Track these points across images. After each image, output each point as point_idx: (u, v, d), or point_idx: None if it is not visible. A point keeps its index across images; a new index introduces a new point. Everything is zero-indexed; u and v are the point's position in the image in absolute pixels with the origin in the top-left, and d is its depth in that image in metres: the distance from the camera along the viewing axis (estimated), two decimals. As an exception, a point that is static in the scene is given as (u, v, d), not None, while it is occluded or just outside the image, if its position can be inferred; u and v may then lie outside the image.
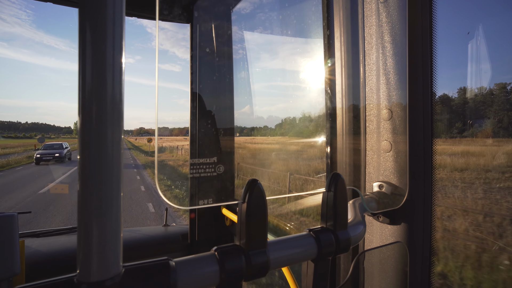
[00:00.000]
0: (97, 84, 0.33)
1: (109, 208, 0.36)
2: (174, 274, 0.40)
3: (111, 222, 0.36)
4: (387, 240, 0.86)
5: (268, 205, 0.49)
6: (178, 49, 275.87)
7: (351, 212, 0.72)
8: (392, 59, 0.81)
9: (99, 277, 0.35)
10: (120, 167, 0.37)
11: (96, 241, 0.35)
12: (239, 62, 1.90)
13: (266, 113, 9.38)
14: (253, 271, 0.46)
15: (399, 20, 0.78)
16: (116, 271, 0.37)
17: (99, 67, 0.33)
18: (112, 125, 0.35)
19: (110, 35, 0.34)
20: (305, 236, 0.55)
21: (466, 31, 11.44)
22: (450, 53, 11.00)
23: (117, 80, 0.35)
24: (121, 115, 0.36)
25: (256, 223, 0.47)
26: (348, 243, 0.58)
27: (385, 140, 0.87)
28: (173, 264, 0.42)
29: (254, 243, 0.47)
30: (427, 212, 0.80)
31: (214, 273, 0.44)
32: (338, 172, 0.58)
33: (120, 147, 0.36)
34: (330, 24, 1.05)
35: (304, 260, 0.55)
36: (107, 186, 0.35)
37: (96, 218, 0.35)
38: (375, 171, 0.91)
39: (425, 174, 0.79)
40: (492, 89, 7.04)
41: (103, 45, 0.33)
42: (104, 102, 0.34)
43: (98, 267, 0.35)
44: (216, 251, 0.46)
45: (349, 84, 1.00)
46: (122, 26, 0.35)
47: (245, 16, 1.96)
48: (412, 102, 0.76)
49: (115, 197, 0.36)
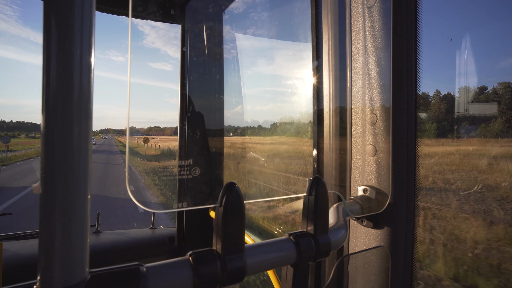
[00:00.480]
0: (62, 81, 0.32)
1: (74, 211, 0.34)
2: (144, 280, 0.39)
3: (76, 226, 0.34)
4: (371, 244, 0.86)
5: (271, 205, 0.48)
6: (170, 48, 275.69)
7: (334, 216, 0.72)
8: (378, 64, 0.82)
9: (62, 284, 0.34)
10: (88, 168, 0.35)
11: (59, 246, 0.33)
12: (229, 63, 1.90)
13: (256, 114, 9.40)
14: (229, 276, 0.45)
15: (385, 26, 0.79)
16: (81, 277, 0.35)
17: (65, 63, 0.32)
18: (79, 123, 0.33)
19: (77, 29, 0.32)
20: (285, 241, 0.54)
21: (451, 37, 11.82)
22: (435, 58, 11.40)
23: (85, 76, 0.33)
24: (89, 113, 0.34)
25: (233, 227, 0.46)
26: (329, 248, 0.57)
27: (370, 144, 0.87)
28: (143, 269, 0.40)
29: (230, 247, 0.46)
30: (409, 216, 0.80)
31: (187, 279, 0.42)
32: (319, 176, 0.57)
33: (87, 146, 0.35)
34: (319, 28, 1.06)
35: (283, 265, 0.54)
36: (72, 188, 0.34)
37: (60, 222, 0.33)
38: (360, 175, 0.91)
39: (408, 179, 0.80)
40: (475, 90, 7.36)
41: (70, 40, 0.32)
42: (70, 100, 0.32)
43: (61, 273, 0.34)
44: (190, 256, 0.44)
45: (336, 88, 1.00)
46: (91, 21, 0.34)
47: (236, 18, 1.96)
48: (396, 107, 0.77)
49: (81, 199, 0.35)
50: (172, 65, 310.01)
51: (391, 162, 0.77)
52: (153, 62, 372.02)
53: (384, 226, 0.82)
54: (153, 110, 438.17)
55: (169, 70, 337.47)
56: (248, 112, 2.00)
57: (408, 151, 0.79)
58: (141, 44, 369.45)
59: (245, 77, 1.91)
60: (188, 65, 1.75)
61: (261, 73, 4.30)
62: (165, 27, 57.99)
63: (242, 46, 1.93)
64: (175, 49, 2.04)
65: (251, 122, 7.45)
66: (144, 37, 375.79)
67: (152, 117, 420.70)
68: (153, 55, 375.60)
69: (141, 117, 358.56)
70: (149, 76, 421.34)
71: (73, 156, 0.33)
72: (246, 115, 1.95)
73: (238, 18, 2.06)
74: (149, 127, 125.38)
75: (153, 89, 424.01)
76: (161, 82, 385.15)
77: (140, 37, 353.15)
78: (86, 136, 0.34)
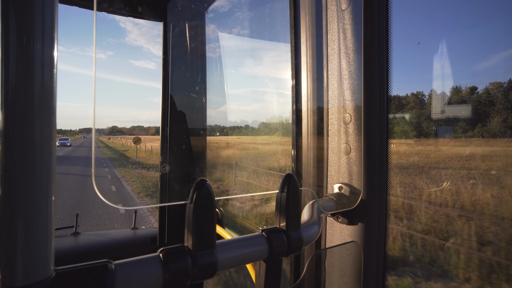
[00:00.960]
0: (22, 77, 0.32)
1: (37, 209, 0.34)
2: (112, 277, 0.39)
3: (40, 224, 0.34)
4: (346, 240, 0.88)
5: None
6: (153, 46, 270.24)
7: (308, 213, 0.74)
8: (351, 65, 0.85)
9: (25, 281, 0.33)
10: (51, 165, 0.35)
11: (20, 245, 0.33)
12: (212, 62, 1.89)
13: (239, 113, 9.44)
14: (200, 272, 0.46)
15: (357, 29, 0.81)
16: (46, 275, 0.35)
17: (25, 59, 0.32)
18: (41, 121, 0.33)
19: (38, 23, 0.32)
20: (257, 237, 0.55)
21: (421, 41, 12.50)
22: (405, 59, 12.05)
23: (47, 72, 0.33)
24: (51, 110, 0.34)
25: (204, 224, 0.46)
26: (300, 243, 0.59)
27: (345, 143, 0.90)
28: (112, 266, 0.40)
29: (201, 243, 0.47)
30: (381, 212, 0.83)
31: (157, 275, 0.43)
32: (291, 174, 0.59)
33: (51, 144, 0.35)
34: (297, 29, 1.08)
35: (255, 260, 0.55)
36: (34, 187, 0.33)
37: (22, 220, 0.33)
38: (336, 173, 0.94)
39: (380, 176, 0.83)
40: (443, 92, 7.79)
41: (30, 34, 0.32)
42: (31, 97, 0.32)
43: (23, 271, 0.33)
44: (161, 253, 0.45)
45: (313, 88, 1.03)
46: (53, 14, 0.33)
47: (219, 17, 1.96)
48: (368, 107, 0.80)
49: (44, 197, 0.34)
50: (156, 63, 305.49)
51: (363, 160, 0.80)
52: (136, 60, 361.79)
53: (357, 222, 0.85)
54: (136, 109, 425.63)
55: (153, 68, 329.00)
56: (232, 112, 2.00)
57: (380, 149, 0.83)
58: (123, 41, 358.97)
59: (227, 76, 1.92)
60: (170, 63, 1.74)
61: (244, 73, 4.32)
62: (148, 25, 53.49)
63: (225, 45, 1.93)
64: (158, 47, 1.99)
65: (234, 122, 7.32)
66: (127, 34, 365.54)
67: (135, 116, 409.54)
68: (136, 53, 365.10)
69: (123, 116, 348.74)
70: (131, 74, 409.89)
71: (35, 155, 0.33)
72: (229, 114, 1.95)
73: (221, 17, 2.06)
74: (132, 126, 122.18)
75: (135, 88, 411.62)
76: (144, 81, 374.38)
77: (122, 34, 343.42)
78: (49, 134, 0.34)
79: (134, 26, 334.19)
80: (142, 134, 72.64)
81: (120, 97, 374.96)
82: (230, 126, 8.60)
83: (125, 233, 2.03)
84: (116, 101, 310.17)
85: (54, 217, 0.36)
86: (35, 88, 0.33)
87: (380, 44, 0.80)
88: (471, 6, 10.37)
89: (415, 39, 14.11)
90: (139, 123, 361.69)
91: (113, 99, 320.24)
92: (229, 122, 2.16)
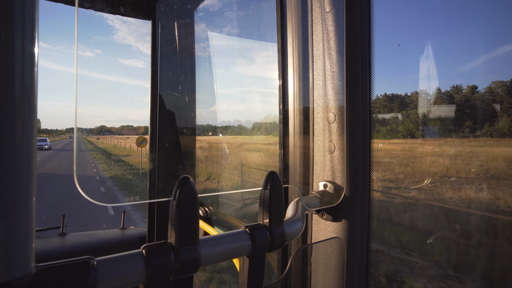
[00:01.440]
0: (1, 74, 0.32)
1: (17, 207, 0.34)
2: (94, 273, 0.40)
3: (20, 222, 0.35)
4: (330, 236, 0.91)
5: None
6: (142, 44, 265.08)
7: (292, 210, 0.75)
8: (335, 66, 0.87)
9: (4, 278, 0.34)
10: (32, 163, 0.35)
11: (0, 241, 0.33)
12: (201, 61, 1.90)
13: (228, 112, 9.46)
14: (183, 267, 0.47)
15: (340, 30, 0.84)
16: (26, 271, 0.35)
17: (4, 56, 0.32)
18: (21, 120, 0.34)
19: (18, 17, 0.32)
20: (240, 233, 0.57)
21: (403, 43, 12.93)
22: (388, 60, 12.52)
23: (27, 69, 0.34)
24: (32, 108, 0.35)
25: (187, 220, 0.47)
26: (283, 239, 0.61)
27: (329, 141, 0.92)
28: (94, 263, 0.41)
29: (184, 240, 0.48)
30: (364, 209, 0.86)
31: (140, 271, 0.43)
32: (274, 171, 0.60)
33: (31, 142, 0.35)
34: (284, 30, 1.09)
35: (239, 256, 0.56)
36: (15, 184, 0.34)
37: (1, 218, 0.33)
38: (321, 171, 0.96)
39: (363, 173, 0.85)
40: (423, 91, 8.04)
41: (8, 29, 0.32)
42: (10, 94, 0.33)
43: (3, 267, 0.34)
44: (144, 249, 0.45)
45: (300, 88, 1.04)
46: (33, 7, 0.34)
47: (208, 16, 1.96)
48: (350, 106, 0.82)
49: (24, 195, 0.35)
50: (145, 62, 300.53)
51: (345, 158, 0.82)
52: (125, 58, 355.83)
53: (341, 219, 0.87)
54: (125, 108, 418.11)
55: (142, 67, 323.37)
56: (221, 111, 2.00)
57: (363, 148, 0.85)
58: (111, 39, 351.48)
59: (217, 75, 1.92)
60: (159, 62, 1.73)
61: (233, 72, 4.33)
62: (137, 23, 50.93)
63: (214, 44, 1.94)
64: (148, 46, 1.98)
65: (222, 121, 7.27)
66: (115, 32, 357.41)
67: (124, 116, 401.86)
68: (125, 51, 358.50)
69: (111, 115, 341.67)
70: (120, 73, 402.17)
71: (15, 154, 0.33)
72: (218, 114, 1.96)
73: (211, 16, 2.06)
74: (122, 125, 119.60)
75: (124, 87, 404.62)
76: (133, 80, 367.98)
77: (110, 32, 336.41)
78: (30, 133, 0.35)
79: (123, 24, 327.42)
80: (132, 133, 71.49)
81: (108, 96, 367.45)
82: (220, 125, 8.62)
83: (113, 233, 2.01)
84: (104, 100, 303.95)
85: (35, 215, 0.37)
86: (14, 85, 0.33)
87: (363, 45, 0.83)
88: (451, 10, 10.81)
89: (397, 41, 14.58)
90: (128, 122, 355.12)
91: (100, 98, 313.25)
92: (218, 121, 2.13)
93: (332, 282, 0.89)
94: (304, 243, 1.01)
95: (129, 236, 1.97)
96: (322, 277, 0.93)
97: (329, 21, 0.86)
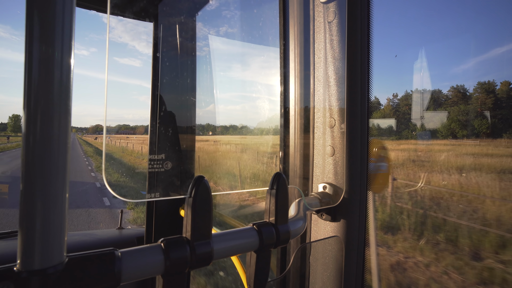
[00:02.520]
0: (44, 80, 0.35)
1: (54, 202, 0.37)
2: (119, 263, 0.43)
3: (55, 215, 0.38)
4: (329, 235, 0.95)
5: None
6: (139, 43, 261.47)
7: (295, 210, 0.79)
8: (336, 73, 0.92)
9: (40, 265, 0.37)
10: (67, 161, 0.39)
11: (38, 232, 0.37)
12: (202, 64, 1.93)
13: (228, 114, 9.52)
14: (198, 260, 0.50)
15: (342, 39, 0.88)
16: (59, 260, 0.39)
17: (47, 63, 0.35)
18: (59, 122, 0.37)
19: (59, 28, 0.36)
20: (249, 229, 0.60)
21: (399, 53, 13.32)
22: (385, 69, 12.97)
23: (65, 76, 0.37)
24: (68, 111, 0.38)
25: (202, 216, 0.51)
26: (288, 236, 0.65)
27: (329, 145, 0.97)
28: (118, 254, 0.44)
29: (199, 234, 0.51)
30: (361, 209, 0.91)
31: (159, 262, 0.47)
32: (280, 172, 0.64)
33: (66, 141, 0.38)
34: (286, 37, 1.14)
35: (247, 251, 0.60)
36: (52, 180, 0.37)
37: (40, 211, 0.36)
38: (320, 173, 1.01)
39: (361, 176, 0.90)
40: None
41: (51, 39, 0.35)
42: (51, 100, 0.36)
43: (40, 256, 0.37)
44: (162, 242, 0.49)
45: (301, 94, 1.09)
46: (71, 17, 0.37)
47: (210, 19, 2.00)
48: (351, 112, 0.87)
49: (60, 191, 0.38)
50: (142, 61, 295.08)
51: (345, 161, 0.87)
52: (120, 57, 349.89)
53: (340, 219, 0.92)
54: (121, 108, 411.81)
55: (138, 66, 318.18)
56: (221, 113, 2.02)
57: (361, 151, 0.90)
58: (105, 37, 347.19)
59: (217, 79, 1.96)
60: (160, 64, 1.75)
61: (234, 76, 4.38)
62: (133, 21, 50.04)
63: (216, 48, 1.97)
64: (144, 44, 1.96)
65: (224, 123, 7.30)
66: (111, 30, 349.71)
67: (120, 115, 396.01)
68: (121, 50, 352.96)
69: (107, 114, 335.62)
70: (116, 72, 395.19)
71: (53, 152, 0.37)
72: (218, 115, 1.99)
73: (212, 19, 2.10)
74: (118, 125, 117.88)
75: (120, 86, 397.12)
76: (129, 79, 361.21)
77: (105, 30, 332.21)
78: (65, 133, 0.38)
79: (118, 22, 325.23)
80: (130, 133, 70.37)
81: (103, 95, 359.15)
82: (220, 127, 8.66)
83: (111, 233, 2.02)
84: (98, 100, 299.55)
85: (67, 210, 0.40)
86: (54, 91, 0.36)
87: (362, 54, 0.88)
88: (445, 21, 11.21)
89: (395, 51, 15.11)
90: (124, 122, 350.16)
91: (95, 97, 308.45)
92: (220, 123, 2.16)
93: (330, 279, 0.93)
94: (304, 242, 1.05)
95: (127, 236, 1.98)
96: (321, 274, 0.97)
97: (331, 31, 0.91)
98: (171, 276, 0.48)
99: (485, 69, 11.47)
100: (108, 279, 0.41)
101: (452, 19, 11.61)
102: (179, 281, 0.49)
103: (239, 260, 0.94)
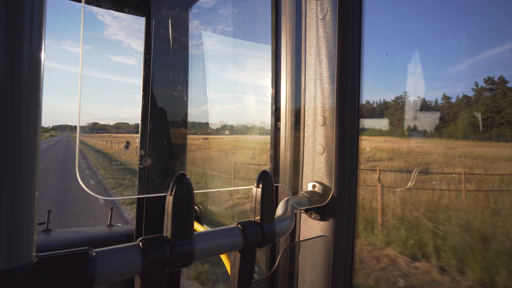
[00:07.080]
0: (9, 73, 0.33)
1: (21, 200, 0.35)
2: (93, 263, 0.41)
3: (22, 212, 0.36)
4: (317, 235, 0.94)
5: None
6: (134, 41, 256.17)
7: (282, 209, 0.78)
8: (326, 71, 0.90)
9: (6, 266, 0.35)
10: (36, 160, 0.37)
11: (3, 231, 0.35)
12: (195, 60, 1.90)
13: (220, 112, 9.52)
14: (178, 260, 0.49)
15: (333, 36, 0.87)
16: (27, 260, 0.37)
17: (13, 54, 0.33)
18: (27, 118, 0.35)
19: (27, 18, 0.34)
20: (233, 228, 0.59)
21: (392, 52, 13.60)
22: (376, 66, 13.30)
23: (33, 69, 0.35)
24: (37, 106, 0.36)
25: (182, 215, 0.49)
26: (273, 236, 0.63)
27: (319, 144, 0.96)
28: (93, 254, 0.42)
29: (180, 233, 0.50)
30: (350, 209, 0.90)
31: (136, 262, 0.45)
32: (267, 170, 0.63)
33: (35, 138, 0.36)
34: (278, 34, 1.12)
35: (231, 250, 0.59)
36: (19, 178, 0.35)
37: (5, 210, 0.35)
38: (310, 172, 1.00)
39: (350, 174, 0.89)
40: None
41: (19, 30, 0.33)
42: (18, 94, 0.34)
43: (5, 256, 0.35)
44: (140, 242, 0.47)
45: (292, 91, 1.08)
46: (42, 7, 0.35)
47: (204, 14, 1.97)
48: (340, 110, 0.86)
49: (28, 189, 0.36)
50: (136, 59, 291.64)
51: (335, 160, 0.86)
52: (115, 55, 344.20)
53: (329, 218, 0.91)
54: (116, 106, 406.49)
55: (133, 64, 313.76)
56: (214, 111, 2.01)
57: (351, 150, 0.89)
58: (101, 35, 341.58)
59: (210, 74, 1.93)
60: (152, 60, 1.72)
61: (226, 74, 4.35)
62: (128, 18, 48.62)
63: (209, 43, 1.95)
64: (139, 42, 1.93)
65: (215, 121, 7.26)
66: (105, 28, 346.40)
67: (114, 114, 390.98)
68: (115, 48, 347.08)
69: (101, 113, 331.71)
70: (110, 70, 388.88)
71: (20, 150, 0.35)
72: (211, 112, 1.97)
73: (206, 15, 2.07)
74: (117, 123, 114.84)
75: (115, 84, 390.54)
76: (124, 77, 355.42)
77: (101, 28, 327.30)
78: (35, 131, 0.36)
79: (114, 19, 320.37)
80: (128, 131, 69.12)
81: (97, 93, 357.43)
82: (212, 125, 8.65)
83: (100, 230, 1.99)
84: (93, 98, 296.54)
85: (36, 209, 0.38)
86: (21, 84, 0.34)
87: (353, 52, 0.86)
88: (437, 21, 11.44)
89: (386, 49, 15.33)
90: (119, 120, 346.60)
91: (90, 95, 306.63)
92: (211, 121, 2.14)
93: (318, 278, 0.92)
94: (292, 241, 1.04)
95: (116, 233, 1.95)
96: (309, 273, 0.96)
97: (322, 28, 0.90)
98: (149, 277, 0.46)
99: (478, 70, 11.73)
100: (80, 279, 0.39)
101: (446, 19, 11.78)
102: (158, 282, 0.47)
103: (228, 258, 0.93)
